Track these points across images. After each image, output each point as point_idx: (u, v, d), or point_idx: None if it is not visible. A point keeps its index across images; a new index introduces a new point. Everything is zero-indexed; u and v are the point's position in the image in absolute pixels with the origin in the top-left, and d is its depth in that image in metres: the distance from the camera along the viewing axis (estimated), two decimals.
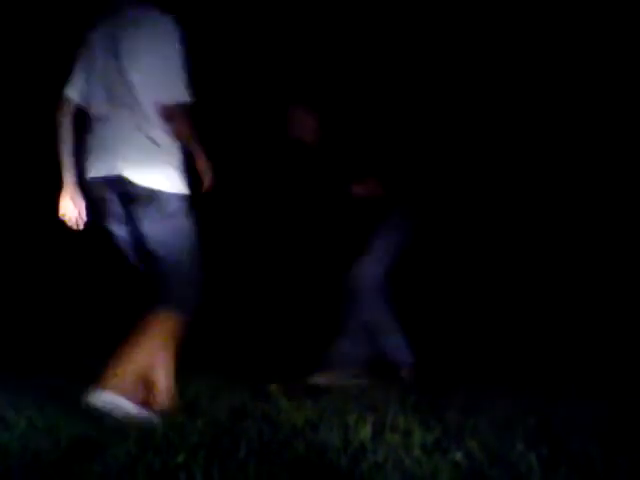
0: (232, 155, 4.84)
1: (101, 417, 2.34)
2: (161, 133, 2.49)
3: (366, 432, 2.23)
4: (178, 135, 2.51)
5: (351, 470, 1.87)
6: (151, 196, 2.45)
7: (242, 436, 2.14)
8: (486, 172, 5.72)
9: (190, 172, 2.65)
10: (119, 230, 2.60)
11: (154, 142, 2.47)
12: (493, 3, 5.32)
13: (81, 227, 2.62)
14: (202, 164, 2.59)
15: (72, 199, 2.59)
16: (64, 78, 2.67)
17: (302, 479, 1.80)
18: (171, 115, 2.47)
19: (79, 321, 5.08)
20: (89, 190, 2.59)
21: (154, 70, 2.45)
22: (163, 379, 2.50)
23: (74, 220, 2.60)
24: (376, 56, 5.11)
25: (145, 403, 2.44)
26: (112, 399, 2.33)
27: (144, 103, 2.47)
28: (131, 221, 2.54)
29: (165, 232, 2.48)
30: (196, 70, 2.59)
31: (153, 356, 2.45)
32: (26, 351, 3.82)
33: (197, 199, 2.65)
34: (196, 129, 2.55)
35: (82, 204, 2.61)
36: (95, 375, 2.41)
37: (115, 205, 2.55)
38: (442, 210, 3.96)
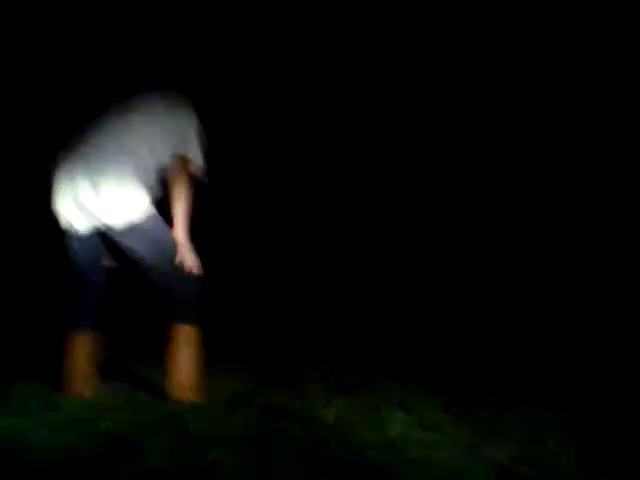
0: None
1: (136, 413, 2.38)
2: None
3: (396, 429, 2.24)
4: (177, 191, 2.58)
5: (382, 466, 1.88)
6: (129, 227, 2.51)
7: (274, 433, 2.15)
8: (488, 174, 5.72)
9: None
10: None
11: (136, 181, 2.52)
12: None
13: None
14: (179, 235, 2.60)
15: None
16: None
17: (333, 475, 1.81)
18: (183, 170, 2.57)
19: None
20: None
21: (171, 129, 2.58)
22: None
23: None
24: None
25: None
26: None
27: (148, 149, 2.54)
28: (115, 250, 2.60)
29: (149, 248, 2.54)
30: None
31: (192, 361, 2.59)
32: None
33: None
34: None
35: None
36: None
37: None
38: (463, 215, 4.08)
